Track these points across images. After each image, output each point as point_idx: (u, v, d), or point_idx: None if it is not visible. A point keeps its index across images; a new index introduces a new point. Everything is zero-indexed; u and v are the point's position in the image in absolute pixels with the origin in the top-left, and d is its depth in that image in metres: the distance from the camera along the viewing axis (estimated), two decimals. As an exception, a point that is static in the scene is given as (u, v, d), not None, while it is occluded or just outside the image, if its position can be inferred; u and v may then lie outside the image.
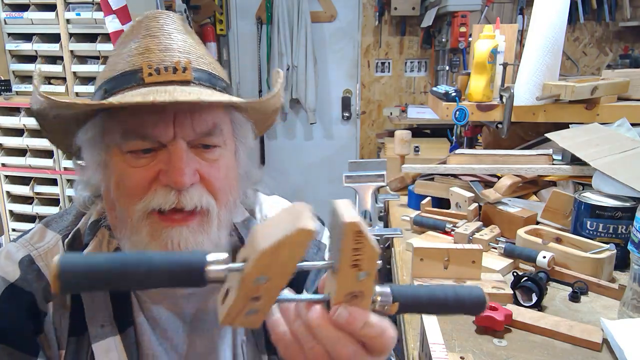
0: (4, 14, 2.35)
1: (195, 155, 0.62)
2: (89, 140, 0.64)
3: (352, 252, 0.40)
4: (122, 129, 0.61)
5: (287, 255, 0.38)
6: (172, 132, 0.60)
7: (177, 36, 0.64)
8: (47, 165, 2.42)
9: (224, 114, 0.66)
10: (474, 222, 1.25)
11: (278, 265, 0.39)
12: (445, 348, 0.68)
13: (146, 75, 0.60)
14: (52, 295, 0.65)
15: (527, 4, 3.45)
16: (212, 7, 3.63)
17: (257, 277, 0.39)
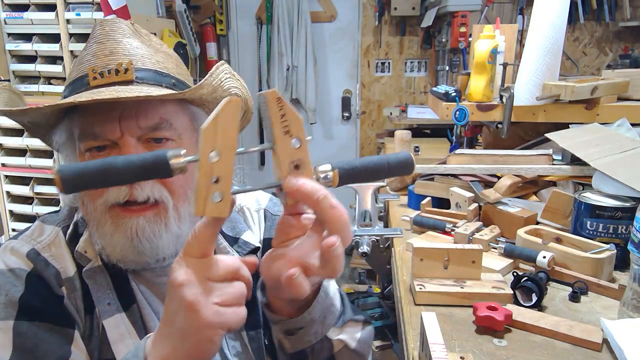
0: (4, 14, 2.35)
1: (147, 150, 0.66)
2: (63, 144, 0.72)
3: (280, 119, 0.48)
4: (80, 131, 0.67)
5: (225, 123, 0.45)
6: (118, 129, 0.65)
7: (122, 40, 0.69)
8: (47, 165, 2.42)
9: (176, 110, 0.70)
10: (474, 222, 1.25)
11: (222, 136, 0.46)
12: (445, 348, 0.68)
13: (91, 79, 0.66)
14: (62, 281, 0.70)
15: (527, 4, 3.46)
16: (212, 7, 3.63)
17: (210, 154, 0.45)
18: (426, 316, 0.75)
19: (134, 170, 0.47)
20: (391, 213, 1.54)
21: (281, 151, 0.49)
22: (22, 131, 2.41)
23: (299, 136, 0.49)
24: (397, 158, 0.54)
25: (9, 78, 2.43)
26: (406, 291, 0.98)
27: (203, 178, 0.46)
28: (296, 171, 0.49)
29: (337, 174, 0.51)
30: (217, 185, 0.46)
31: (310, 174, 0.50)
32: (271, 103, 0.47)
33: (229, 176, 0.47)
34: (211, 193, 0.46)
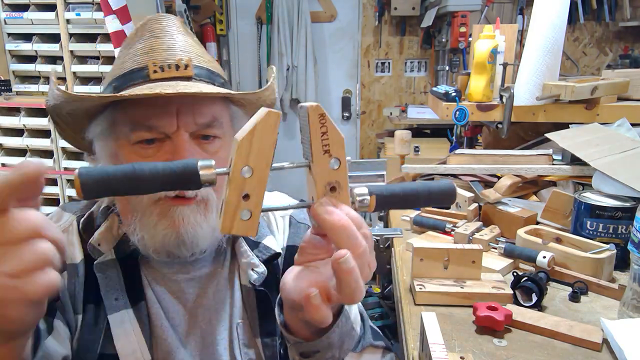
0: (4, 14, 2.35)
1: (197, 147, 0.68)
2: (100, 133, 0.71)
3: (320, 136, 0.45)
4: (131, 122, 0.67)
5: (262, 138, 0.43)
6: (175, 124, 0.66)
7: (179, 37, 0.71)
8: (47, 165, 2.42)
9: (222, 108, 0.72)
10: (474, 222, 1.25)
11: (257, 152, 0.43)
12: (445, 348, 0.68)
13: (152, 72, 0.66)
14: (65, 266, 0.71)
15: (527, 4, 3.46)
16: (212, 7, 3.63)
17: (242, 168, 0.43)
18: (426, 316, 0.75)
19: (160, 179, 0.44)
20: (391, 213, 1.54)
21: (318, 171, 0.46)
22: (22, 131, 2.41)
23: (339, 156, 0.46)
24: (440, 187, 0.51)
25: (9, 78, 2.43)
26: (406, 291, 0.98)
27: (233, 194, 0.43)
28: (332, 193, 0.46)
29: (374, 199, 0.48)
30: (247, 202, 0.44)
31: (346, 197, 0.47)
32: (313, 118, 0.44)
33: (261, 194, 0.44)
34: (240, 210, 0.44)
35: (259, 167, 0.43)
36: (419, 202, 0.51)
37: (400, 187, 0.50)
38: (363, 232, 0.47)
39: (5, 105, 2.39)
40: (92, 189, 0.42)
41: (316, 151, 0.45)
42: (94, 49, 2.30)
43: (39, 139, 2.41)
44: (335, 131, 0.45)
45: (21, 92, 2.44)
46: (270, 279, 0.76)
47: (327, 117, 0.45)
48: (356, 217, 0.48)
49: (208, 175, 0.44)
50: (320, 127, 0.45)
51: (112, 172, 0.43)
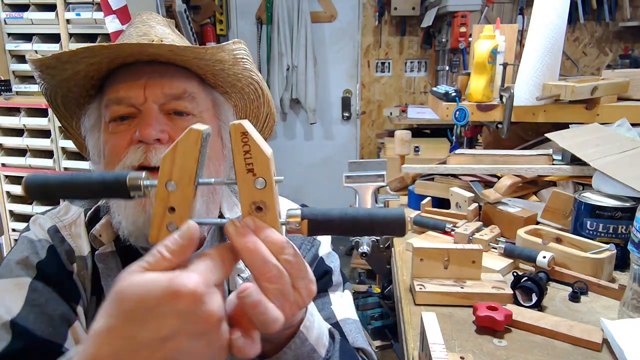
0: (4, 14, 2.35)
1: (167, 120, 0.68)
2: (92, 127, 0.74)
3: (243, 155, 0.44)
4: (105, 100, 0.69)
5: (184, 154, 0.44)
6: (142, 94, 0.67)
7: (155, 26, 0.74)
8: (47, 165, 2.42)
9: (199, 88, 0.72)
10: (474, 222, 1.25)
11: (179, 167, 0.44)
12: (445, 348, 0.68)
13: None
14: (74, 258, 0.73)
15: (527, 4, 3.46)
16: (212, 7, 3.63)
17: (166, 182, 0.45)
18: (426, 316, 0.75)
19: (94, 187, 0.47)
20: (391, 213, 1.54)
21: (242, 190, 0.45)
22: (22, 131, 2.41)
23: (264, 176, 0.44)
24: (385, 217, 0.46)
25: (9, 78, 2.43)
26: (406, 291, 0.98)
27: (158, 206, 0.45)
28: (258, 213, 0.45)
29: (305, 224, 0.46)
30: (172, 214, 0.45)
31: (274, 218, 0.45)
32: (235, 137, 0.43)
33: (186, 207, 0.45)
34: (166, 222, 0.45)
35: (182, 182, 0.45)
36: (359, 231, 0.47)
37: (339, 212, 0.47)
38: (284, 258, 0.44)
39: (5, 105, 2.39)
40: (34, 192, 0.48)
41: (239, 170, 0.44)
42: (94, 49, 2.30)
43: (39, 139, 2.41)
44: (259, 150, 0.44)
45: (21, 92, 2.44)
46: None
47: (249, 136, 0.43)
48: (277, 241, 0.45)
49: (136, 186, 0.47)
50: (242, 146, 0.44)
51: (53, 178, 0.48)
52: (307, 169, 4.17)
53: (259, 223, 0.45)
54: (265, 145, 0.45)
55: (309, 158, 4.16)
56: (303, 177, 4.15)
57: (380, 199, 1.54)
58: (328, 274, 0.82)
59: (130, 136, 0.67)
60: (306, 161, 4.16)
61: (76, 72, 0.69)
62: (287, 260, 0.45)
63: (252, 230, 0.44)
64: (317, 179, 4.14)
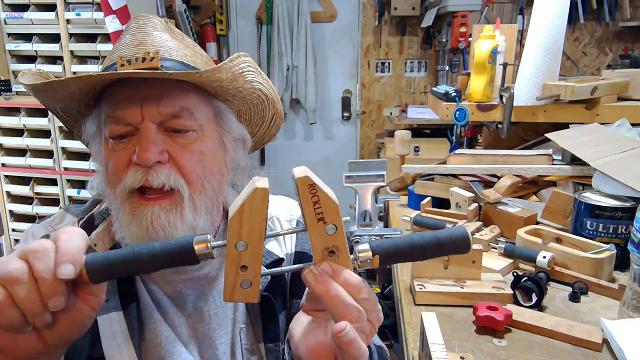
0: (4, 14, 2.35)
1: (167, 138, 0.67)
2: (93, 134, 0.73)
3: (313, 206, 0.45)
4: (104, 116, 0.69)
5: (251, 214, 0.44)
6: (139, 113, 0.66)
7: (153, 33, 0.72)
8: (47, 165, 2.42)
9: (198, 100, 0.71)
10: (474, 222, 1.25)
11: (248, 227, 0.45)
12: (445, 348, 0.68)
13: (119, 66, 0.67)
14: None
15: (527, 4, 3.46)
16: (212, 7, 3.63)
17: (236, 243, 0.45)
18: (426, 316, 0.75)
19: (159, 260, 0.46)
20: (391, 213, 1.54)
21: (313, 238, 0.46)
22: (22, 131, 2.41)
23: (335, 222, 0.45)
24: (451, 237, 0.48)
25: (9, 78, 2.43)
26: (406, 291, 0.98)
27: (230, 267, 0.46)
28: (331, 257, 0.46)
29: (377, 259, 0.48)
30: (245, 273, 0.46)
31: (346, 259, 0.47)
32: (302, 189, 0.45)
33: (258, 263, 0.46)
34: (239, 280, 0.46)
35: (252, 241, 0.45)
36: (428, 255, 0.49)
37: (406, 240, 0.48)
38: (361, 298, 0.47)
39: (5, 105, 2.39)
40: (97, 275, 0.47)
41: (309, 220, 0.45)
42: (94, 49, 2.29)
43: (39, 139, 2.41)
44: (328, 199, 0.45)
45: (21, 92, 2.43)
46: (274, 284, 0.76)
47: (317, 187, 0.44)
48: (354, 283, 0.47)
49: (205, 249, 0.46)
50: (311, 197, 0.44)
51: (114, 258, 0.47)
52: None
53: (335, 267, 0.46)
54: (331, 192, 0.45)
55: (309, 158, 4.16)
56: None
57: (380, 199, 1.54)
58: None
59: (129, 156, 0.66)
60: (306, 161, 4.14)
61: (70, 92, 0.69)
62: (364, 298, 0.47)
63: (330, 276, 0.46)
64: (317, 179, 4.14)
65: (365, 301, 0.47)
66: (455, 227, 0.49)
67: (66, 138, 2.38)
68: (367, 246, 0.47)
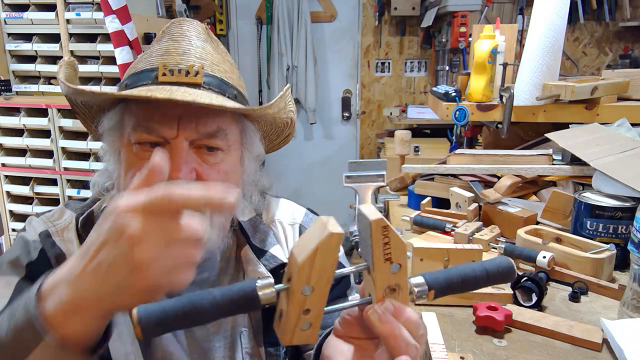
0: (4, 14, 2.35)
1: (197, 156, 0.66)
2: (110, 129, 0.71)
3: (383, 247, 0.45)
4: (134, 121, 0.66)
5: (323, 260, 0.43)
6: (175, 130, 0.64)
7: (197, 42, 0.69)
8: (47, 165, 2.42)
9: (231, 121, 0.70)
10: (474, 222, 1.25)
11: (318, 272, 0.44)
12: (445, 348, 0.69)
13: (160, 75, 0.65)
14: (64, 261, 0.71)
15: (527, 4, 3.46)
16: (212, 7, 3.63)
17: (303, 288, 0.44)
18: (426, 316, 0.75)
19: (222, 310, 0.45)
20: (391, 213, 1.54)
21: (378, 277, 0.47)
22: (22, 131, 2.41)
23: (400, 262, 0.46)
24: (498, 268, 0.51)
25: (9, 78, 2.43)
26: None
27: (294, 311, 0.45)
28: (392, 294, 0.47)
29: (432, 293, 0.49)
30: (307, 315, 0.45)
31: (406, 296, 0.48)
32: (376, 231, 0.45)
33: (322, 306, 0.45)
34: (301, 324, 0.45)
35: (320, 285, 0.44)
36: (477, 286, 0.51)
37: (458, 274, 0.50)
38: (419, 334, 0.48)
39: (5, 105, 2.38)
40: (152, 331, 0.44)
41: (377, 260, 0.46)
42: (94, 49, 2.29)
43: (39, 139, 2.41)
44: (398, 239, 0.46)
45: (21, 92, 2.43)
46: None
47: (390, 229, 0.45)
48: (415, 321, 0.48)
49: (268, 294, 0.45)
50: (383, 239, 0.45)
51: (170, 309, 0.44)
52: (307, 169, 4.16)
53: (397, 305, 0.47)
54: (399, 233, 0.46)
55: (309, 158, 4.16)
56: (303, 177, 4.15)
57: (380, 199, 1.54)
58: (346, 277, 0.83)
59: None
60: (306, 161, 4.16)
61: None
62: (421, 335, 0.48)
63: (392, 314, 0.47)
64: (317, 179, 4.13)
65: (421, 337, 0.48)
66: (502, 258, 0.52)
67: (66, 138, 2.38)
68: (422, 280, 0.49)
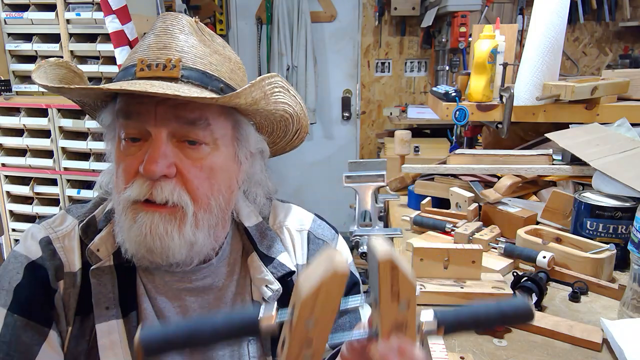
0: (4, 14, 2.35)
1: (178, 150, 0.64)
2: (107, 127, 0.70)
3: (390, 286, 0.44)
4: (120, 115, 0.66)
5: (327, 297, 0.42)
6: (153, 111, 0.63)
7: (180, 36, 0.67)
8: (47, 165, 2.42)
9: (218, 112, 0.67)
10: (474, 222, 1.25)
11: (321, 307, 0.43)
12: (445, 348, 0.68)
13: (138, 70, 0.64)
14: (63, 274, 0.69)
15: (527, 4, 3.46)
16: (212, 7, 3.63)
17: (306, 321, 0.43)
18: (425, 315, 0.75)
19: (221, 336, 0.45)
20: (391, 213, 1.54)
21: (384, 313, 0.45)
22: (22, 131, 2.41)
23: (409, 299, 0.45)
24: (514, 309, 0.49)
25: (9, 78, 2.43)
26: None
27: (295, 343, 0.44)
28: (398, 330, 0.46)
29: (442, 330, 0.48)
30: (309, 348, 0.44)
31: (413, 334, 0.47)
32: (384, 272, 0.44)
33: (324, 339, 0.45)
34: (302, 356, 0.45)
35: (323, 319, 0.44)
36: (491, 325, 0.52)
37: (471, 313, 0.49)
38: None
39: (5, 105, 2.38)
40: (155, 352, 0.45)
41: (384, 298, 0.45)
42: (94, 49, 2.29)
43: (39, 139, 2.41)
44: (407, 279, 0.45)
45: (21, 92, 2.43)
46: (284, 297, 0.73)
47: (398, 270, 0.44)
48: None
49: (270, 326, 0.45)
50: (390, 279, 0.44)
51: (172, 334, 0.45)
52: (307, 169, 4.16)
53: (402, 344, 0.46)
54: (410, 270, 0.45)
55: (309, 158, 4.16)
56: (303, 177, 4.15)
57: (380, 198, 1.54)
58: (356, 286, 0.81)
59: (137, 164, 0.63)
60: (306, 161, 4.16)
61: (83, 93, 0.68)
62: None
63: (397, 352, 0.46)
64: (317, 179, 4.13)
65: None
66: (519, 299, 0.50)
67: (66, 138, 2.38)
68: (431, 316, 0.48)
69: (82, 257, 0.70)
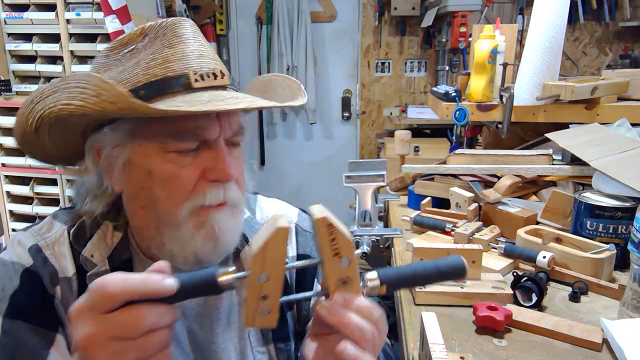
0: (4, 14, 2.35)
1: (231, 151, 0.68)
2: (114, 140, 0.65)
3: (330, 243, 0.50)
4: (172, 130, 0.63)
5: (274, 251, 0.48)
6: (217, 128, 0.65)
7: (204, 43, 0.69)
8: (47, 166, 2.42)
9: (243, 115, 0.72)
10: (474, 222, 1.25)
11: (271, 261, 0.48)
12: (445, 348, 0.68)
13: (193, 81, 0.64)
14: (58, 280, 0.69)
15: (527, 4, 3.46)
16: (212, 7, 3.63)
17: (259, 276, 0.48)
18: (426, 316, 0.75)
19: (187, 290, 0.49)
20: (391, 213, 1.54)
21: (329, 271, 0.51)
22: (22, 131, 2.42)
23: (349, 256, 0.51)
24: (449, 265, 0.54)
25: (9, 78, 2.43)
26: (406, 291, 0.98)
27: (252, 297, 0.49)
28: (344, 286, 0.52)
29: (384, 288, 0.53)
30: (265, 301, 0.49)
31: (357, 288, 0.52)
32: (321, 229, 0.49)
33: (278, 293, 0.49)
34: (260, 309, 0.49)
35: (273, 274, 0.49)
36: (429, 281, 0.55)
37: (411, 270, 0.54)
38: (374, 319, 0.52)
39: (5, 105, 2.38)
40: None
41: (327, 255, 0.50)
42: (94, 49, 2.29)
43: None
44: (343, 237, 0.50)
45: (21, 92, 2.43)
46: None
47: (334, 226, 0.49)
48: (366, 307, 0.52)
49: (227, 281, 0.49)
50: (329, 236, 0.49)
51: None
52: (307, 169, 4.16)
53: (347, 297, 0.51)
54: (345, 229, 0.50)
55: (309, 158, 4.16)
56: (303, 177, 4.15)
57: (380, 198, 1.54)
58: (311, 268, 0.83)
59: (199, 171, 0.64)
60: (306, 161, 4.16)
61: None
62: (376, 319, 0.52)
63: (343, 305, 0.51)
64: (317, 179, 4.13)
65: (377, 321, 0.52)
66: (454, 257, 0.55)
67: (66, 138, 2.38)
68: (375, 275, 0.53)
69: (74, 261, 0.70)
